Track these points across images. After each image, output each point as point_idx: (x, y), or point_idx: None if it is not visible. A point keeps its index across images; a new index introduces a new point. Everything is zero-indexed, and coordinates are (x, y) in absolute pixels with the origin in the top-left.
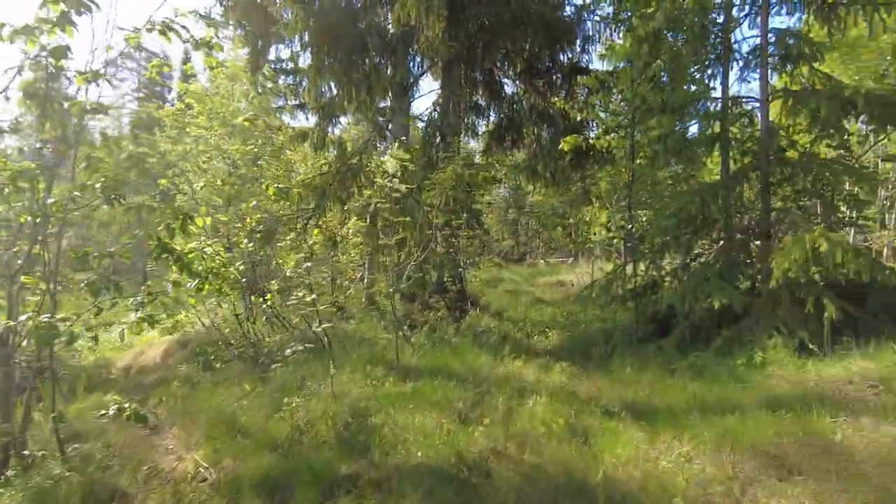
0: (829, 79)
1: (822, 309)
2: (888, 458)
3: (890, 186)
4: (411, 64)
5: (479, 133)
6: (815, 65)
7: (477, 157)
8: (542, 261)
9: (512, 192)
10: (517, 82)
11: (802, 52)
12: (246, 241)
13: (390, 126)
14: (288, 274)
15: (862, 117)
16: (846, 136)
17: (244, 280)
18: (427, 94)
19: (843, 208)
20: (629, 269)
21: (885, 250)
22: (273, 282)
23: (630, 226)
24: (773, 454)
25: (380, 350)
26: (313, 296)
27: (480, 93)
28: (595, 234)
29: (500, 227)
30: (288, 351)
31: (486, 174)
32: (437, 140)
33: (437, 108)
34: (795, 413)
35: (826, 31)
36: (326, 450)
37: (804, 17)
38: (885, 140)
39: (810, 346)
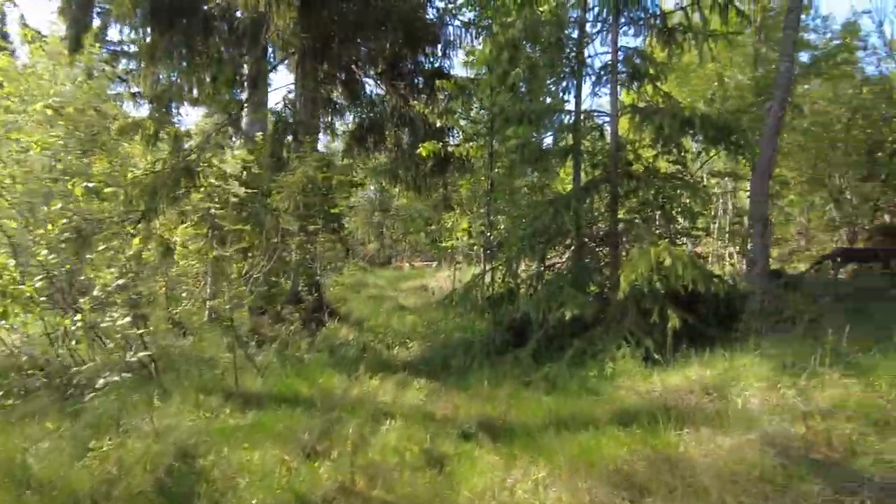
0: (669, 98)
1: (665, 318)
2: (723, 470)
3: (715, 199)
4: (264, 54)
5: (339, 133)
6: (658, 84)
7: (341, 158)
8: (408, 264)
9: (378, 193)
10: (379, 83)
11: (647, 72)
12: (46, 251)
13: (244, 121)
14: (96, 293)
15: (698, 136)
16: (683, 153)
17: (42, 298)
18: (278, 89)
19: (679, 220)
20: (487, 276)
21: (710, 256)
22: (85, 299)
23: (489, 233)
24: (625, 473)
25: (219, 373)
26: (127, 318)
27: (340, 91)
28: (457, 239)
29: (366, 229)
30: (101, 381)
31: (343, 177)
32: (289, 138)
33: (288, 103)
34: (644, 427)
35: (666, 54)
36: (142, 502)
37: (647, 38)
38: (715, 157)
39: (655, 355)
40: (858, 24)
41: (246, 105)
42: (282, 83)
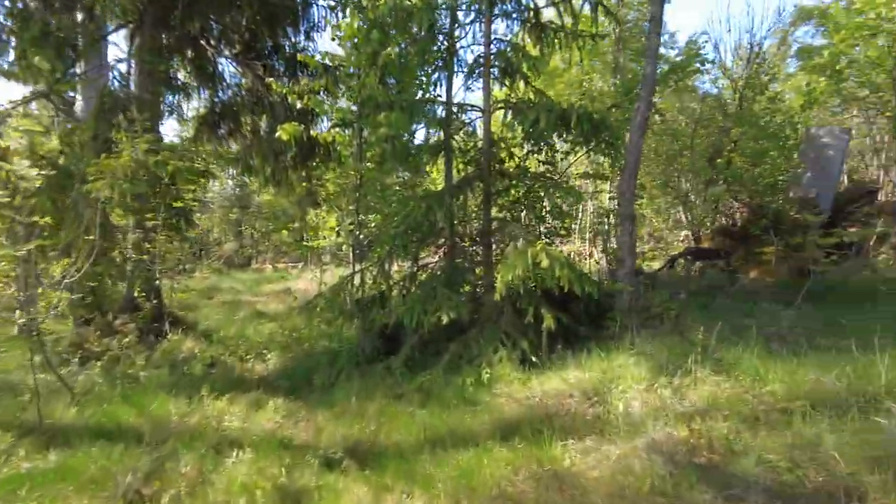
0: (542, 94)
1: (540, 318)
2: (611, 483)
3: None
4: (90, 16)
5: (189, 118)
6: (531, 81)
7: (188, 145)
8: (270, 265)
9: (238, 188)
10: (235, 64)
11: (520, 68)
12: None
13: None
14: None
15: (572, 132)
16: (553, 153)
17: None
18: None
19: (548, 219)
20: (357, 278)
21: (573, 255)
22: None
23: (358, 232)
24: (510, 495)
25: (24, 402)
26: None
27: (189, 69)
28: (324, 238)
29: (223, 227)
30: None
31: (182, 163)
32: (120, 118)
33: (121, 77)
34: (527, 440)
35: (538, 50)
36: None
37: (520, 33)
38: (579, 159)
39: (532, 357)
40: (699, 42)
41: (76, 78)
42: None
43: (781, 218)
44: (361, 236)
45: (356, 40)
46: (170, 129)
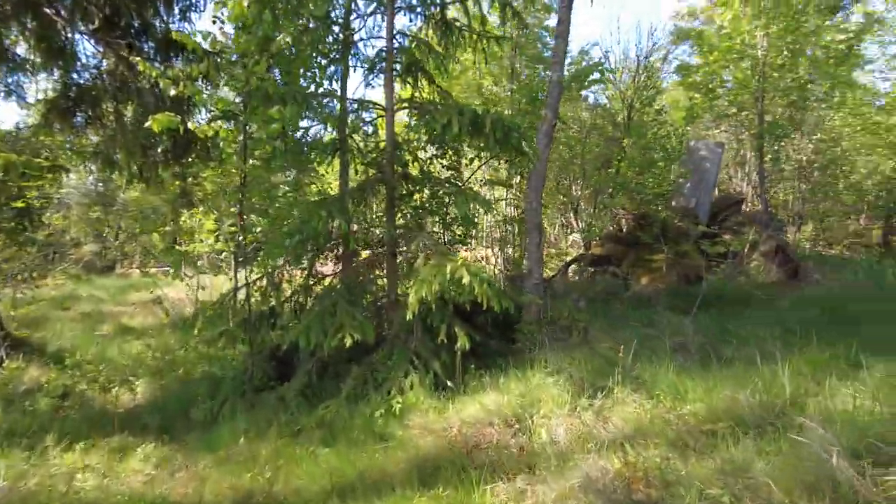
0: (448, 95)
1: (453, 337)
2: None
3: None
4: None
5: (34, 102)
6: (436, 80)
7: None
8: (139, 270)
9: (100, 184)
10: (94, 42)
11: (425, 65)
12: None
13: None
14: None
15: (479, 141)
16: (459, 158)
17: None
18: None
19: (454, 227)
20: (242, 292)
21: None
22: None
23: (241, 237)
24: None
25: None
26: None
27: (31, 43)
28: (201, 241)
29: (83, 227)
30: None
31: (14, 156)
32: None
33: None
34: (451, 485)
35: (443, 47)
36: None
37: (424, 29)
38: (486, 164)
39: (447, 381)
40: (592, 54)
41: None
42: None
43: (668, 226)
44: (245, 241)
45: (242, 23)
46: (14, 114)
